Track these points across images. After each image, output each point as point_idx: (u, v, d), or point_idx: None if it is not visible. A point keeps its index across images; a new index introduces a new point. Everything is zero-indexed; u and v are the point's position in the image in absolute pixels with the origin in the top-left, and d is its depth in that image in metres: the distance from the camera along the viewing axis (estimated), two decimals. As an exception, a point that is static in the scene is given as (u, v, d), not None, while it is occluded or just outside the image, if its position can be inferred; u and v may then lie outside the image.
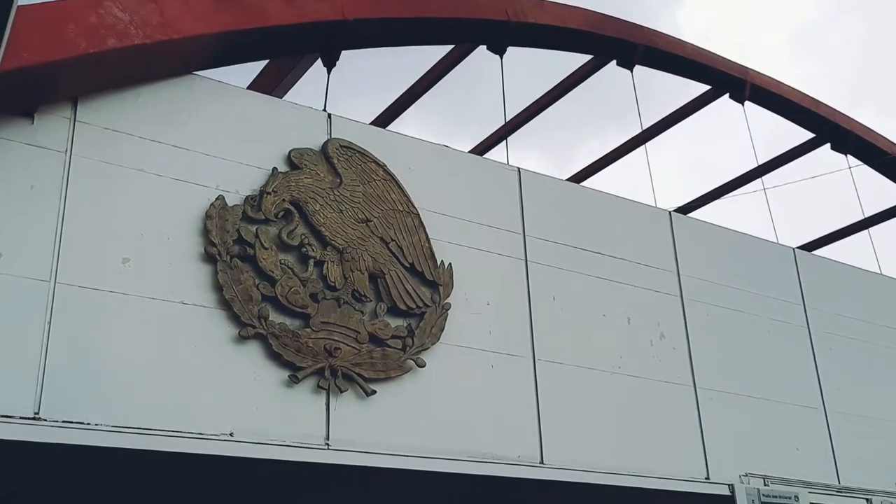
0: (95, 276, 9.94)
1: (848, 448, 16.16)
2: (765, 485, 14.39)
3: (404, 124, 18.08)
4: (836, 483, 15.70)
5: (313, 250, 11.44)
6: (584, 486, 13.42)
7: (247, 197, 11.16)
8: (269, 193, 11.23)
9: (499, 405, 12.58)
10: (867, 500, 15.69)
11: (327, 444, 10.96)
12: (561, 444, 12.89)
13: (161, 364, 10.14)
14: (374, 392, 11.37)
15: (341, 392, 11.16)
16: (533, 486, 13.38)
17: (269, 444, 10.54)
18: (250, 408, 10.62)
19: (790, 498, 14.49)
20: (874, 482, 16.05)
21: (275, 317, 10.91)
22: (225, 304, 10.62)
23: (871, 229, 21.97)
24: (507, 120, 17.23)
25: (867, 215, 21.94)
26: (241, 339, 10.63)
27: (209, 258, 10.68)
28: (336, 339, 11.26)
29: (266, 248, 11.01)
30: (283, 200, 11.36)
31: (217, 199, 10.88)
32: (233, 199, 11.04)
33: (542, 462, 12.71)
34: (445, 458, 11.87)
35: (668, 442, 14.09)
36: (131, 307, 10.08)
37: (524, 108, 18.75)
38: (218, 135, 11.33)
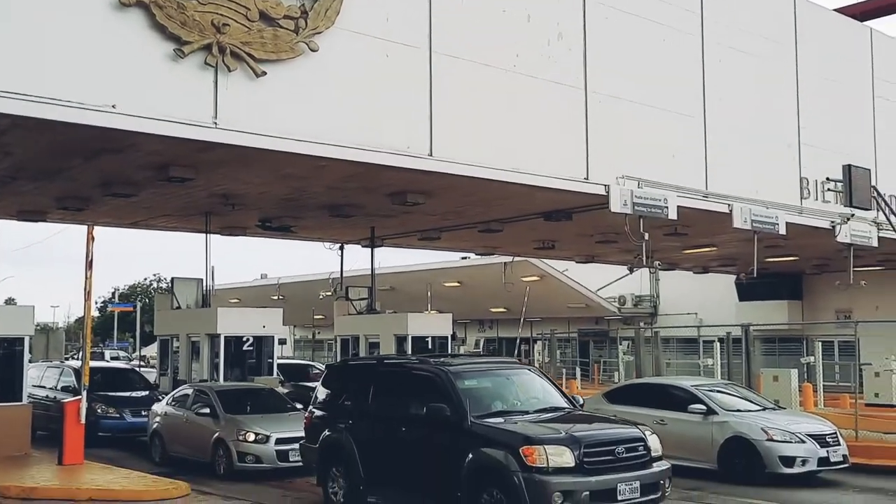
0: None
1: (719, 157, 17.04)
2: (638, 187, 15.19)
3: None
4: (704, 189, 16.73)
5: (200, -87, 10.53)
6: (471, 179, 13.91)
7: None
8: None
9: (392, 96, 12.52)
10: (728, 205, 16.86)
11: (215, 123, 10.82)
12: (451, 138, 13.10)
13: (34, 28, 9.50)
14: (264, 73, 11.07)
15: (230, 71, 10.82)
16: (421, 178, 13.77)
17: (154, 118, 10.32)
18: (134, 81, 10.23)
19: (659, 200, 15.41)
20: (737, 189, 17.16)
21: (158, -15, 10.22)
22: (102, -33, 9.87)
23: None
24: None
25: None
26: (122, 6, 9.99)
27: (82, -88, 9.73)
28: (224, 13, 10.72)
29: None
30: None
31: None
32: None
33: (431, 154, 12.96)
34: (336, 144, 11.95)
35: (554, 142, 14.50)
36: (-3, -38, 9.26)
37: None
38: None
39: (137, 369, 24.53)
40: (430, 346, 21.66)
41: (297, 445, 13.53)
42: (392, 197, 15.50)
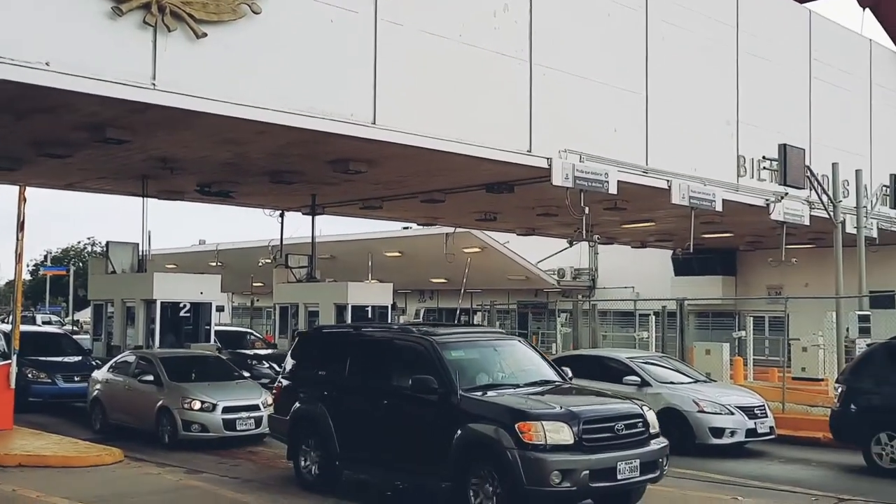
0: None
1: (660, 133, 17.26)
2: (580, 161, 15.31)
3: None
4: (644, 165, 16.94)
5: None
6: (414, 148, 13.85)
7: None
8: None
9: (336, 62, 12.37)
10: (667, 181, 17.11)
11: (153, 84, 10.58)
12: (394, 107, 13.02)
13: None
14: (204, 35, 10.83)
15: (170, 31, 10.57)
16: (364, 146, 13.65)
17: (90, 77, 10.04)
18: (69, 38, 9.93)
19: (600, 174, 15.56)
20: (677, 166, 17.42)
21: (95, -62, 9.91)
22: (36, -83, 9.52)
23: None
24: None
25: None
26: (57, -41, 9.70)
27: None
28: (165, -28, 10.45)
29: None
30: None
31: None
32: None
33: (374, 122, 12.87)
34: (277, 109, 11.77)
35: (498, 114, 14.51)
36: None
37: None
38: None
39: (70, 334, 24.02)
40: (370, 316, 21.65)
41: (244, 414, 13.40)
42: (334, 165, 15.37)
